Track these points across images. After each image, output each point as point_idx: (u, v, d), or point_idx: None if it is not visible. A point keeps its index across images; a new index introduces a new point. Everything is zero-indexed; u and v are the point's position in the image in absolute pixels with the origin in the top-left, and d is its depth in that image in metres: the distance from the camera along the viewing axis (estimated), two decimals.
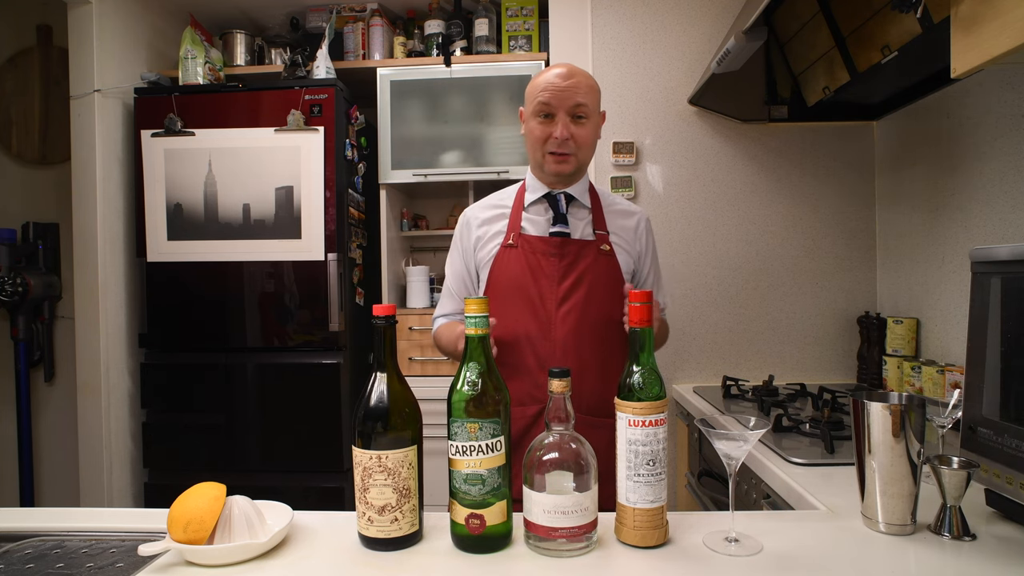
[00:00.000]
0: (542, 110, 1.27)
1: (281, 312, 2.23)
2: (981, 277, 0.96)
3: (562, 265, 1.30)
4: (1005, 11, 0.92)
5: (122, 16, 2.40)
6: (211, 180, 2.24)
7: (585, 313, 1.28)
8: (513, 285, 1.31)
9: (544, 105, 1.26)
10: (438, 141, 2.35)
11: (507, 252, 1.33)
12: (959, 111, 1.72)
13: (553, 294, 1.29)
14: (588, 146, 1.31)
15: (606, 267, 1.32)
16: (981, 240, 1.63)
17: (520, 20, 2.44)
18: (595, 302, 1.28)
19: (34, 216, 2.74)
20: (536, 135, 1.29)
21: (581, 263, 1.31)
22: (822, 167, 2.23)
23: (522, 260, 1.31)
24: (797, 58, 2.04)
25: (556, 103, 1.26)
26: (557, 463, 0.81)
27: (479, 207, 1.44)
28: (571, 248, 1.31)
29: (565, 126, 1.26)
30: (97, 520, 0.98)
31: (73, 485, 2.35)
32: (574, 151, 1.28)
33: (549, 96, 1.26)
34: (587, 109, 1.27)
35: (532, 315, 1.29)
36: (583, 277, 1.30)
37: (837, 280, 2.23)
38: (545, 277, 1.30)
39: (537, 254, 1.32)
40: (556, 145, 1.26)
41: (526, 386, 1.28)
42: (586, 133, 1.29)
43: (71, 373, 2.44)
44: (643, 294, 0.85)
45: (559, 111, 1.26)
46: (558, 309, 1.29)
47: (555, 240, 1.31)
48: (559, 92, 1.26)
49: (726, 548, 0.83)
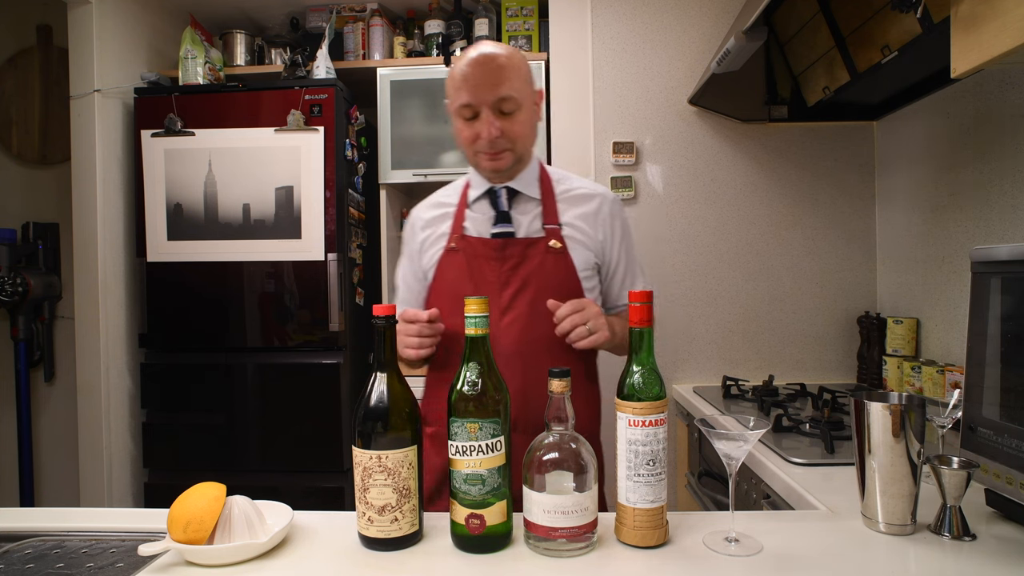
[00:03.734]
0: (464, 112, 1.14)
1: (281, 312, 2.23)
2: (981, 277, 0.96)
3: (504, 270, 1.17)
4: (1005, 11, 0.92)
5: (122, 16, 2.40)
6: (211, 180, 2.24)
7: (531, 323, 1.15)
8: (455, 293, 1.17)
9: (465, 107, 1.13)
10: (438, 141, 2.35)
11: (449, 256, 1.21)
12: (959, 111, 1.72)
13: (496, 303, 1.16)
14: (525, 137, 1.18)
15: (555, 267, 1.19)
16: (981, 240, 1.63)
17: (520, 20, 2.44)
18: (543, 310, 1.12)
19: (34, 216, 2.74)
20: (464, 136, 1.17)
21: (525, 266, 1.18)
22: (822, 167, 2.23)
23: (463, 265, 1.19)
24: (797, 58, 2.04)
25: (477, 100, 1.12)
26: (557, 463, 0.81)
27: (423, 206, 1.31)
28: (513, 249, 1.18)
29: (491, 125, 1.12)
30: (97, 520, 0.98)
31: (73, 485, 2.35)
32: (508, 146, 1.15)
33: (468, 95, 1.12)
34: (515, 100, 1.13)
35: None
36: (528, 281, 1.17)
37: (837, 280, 2.23)
38: (486, 283, 1.17)
39: (479, 258, 1.19)
40: (486, 146, 1.14)
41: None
42: (519, 126, 1.15)
43: (71, 373, 2.44)
44: (642, 294, 0.84)
45: (482, 107, 1.12)
46: (501, 319, 1.16)
47: (496, 242, 1.18)
48: (478, 87, 1.11)
49: (726, 548, 0.83)
